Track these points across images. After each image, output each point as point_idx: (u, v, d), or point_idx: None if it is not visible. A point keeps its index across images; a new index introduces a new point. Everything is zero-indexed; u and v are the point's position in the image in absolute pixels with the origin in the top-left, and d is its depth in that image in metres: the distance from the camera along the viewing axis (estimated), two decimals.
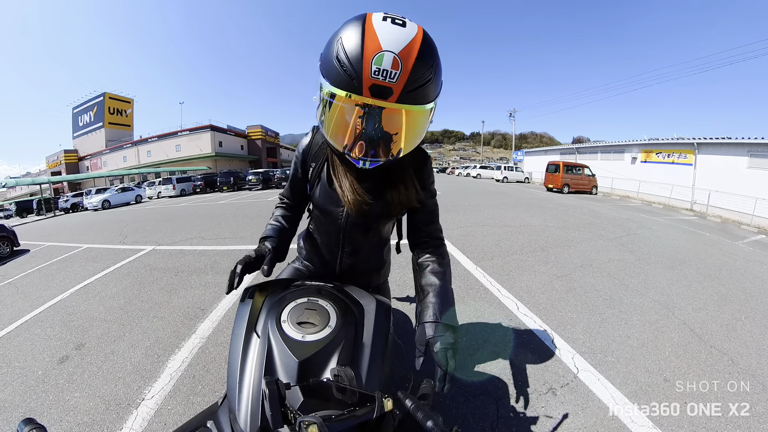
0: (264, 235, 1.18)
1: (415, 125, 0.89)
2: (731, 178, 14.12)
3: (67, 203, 21.75)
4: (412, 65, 0.79)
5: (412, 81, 0.80)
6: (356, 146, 0.89)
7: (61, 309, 3.66)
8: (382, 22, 0.81)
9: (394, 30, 0.80)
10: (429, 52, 0.83)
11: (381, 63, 0.77)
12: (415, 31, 0.82)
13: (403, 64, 0.79)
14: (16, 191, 42.45)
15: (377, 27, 0.80)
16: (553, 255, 4.97)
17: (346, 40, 0.81)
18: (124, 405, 2.05)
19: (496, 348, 2.52)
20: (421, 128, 0.93)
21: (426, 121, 0.92)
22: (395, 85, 0.79)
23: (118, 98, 44.91)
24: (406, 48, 0.79)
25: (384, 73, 0.78)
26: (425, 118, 0.90)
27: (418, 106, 0.85)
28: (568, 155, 25.71)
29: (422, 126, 0.93)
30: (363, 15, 0.84)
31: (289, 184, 1.29)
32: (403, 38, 0.80)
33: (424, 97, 0.85)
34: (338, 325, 0.86)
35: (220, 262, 4.92)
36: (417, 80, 0.81)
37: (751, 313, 3.28)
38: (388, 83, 0.79)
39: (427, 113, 0.89)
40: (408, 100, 0.82)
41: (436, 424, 0.60)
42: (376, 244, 1.27)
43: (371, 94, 0.80)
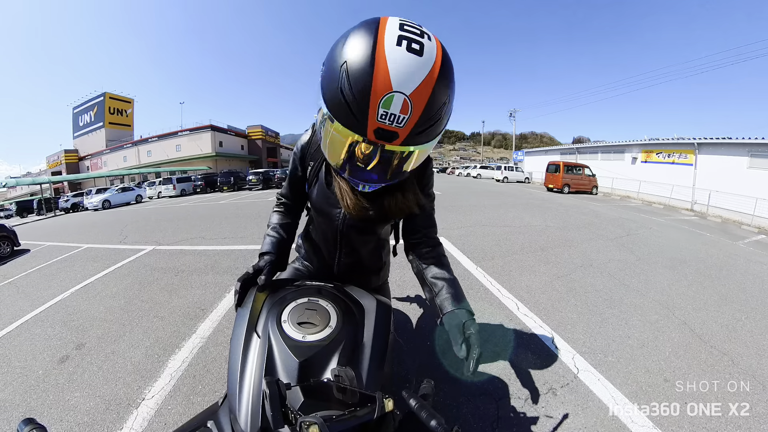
0: (262, 251, 1.15)
1: (419, 155, 0.84)
2: (732, 178, 14.12)
3: (68, 203, 21.76)
4: (424, 108, 0.72)
5: (421, 124, 0.74)
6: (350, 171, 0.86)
7: (62, 309, 3.66)
8: (396, 47, 0.70)
9: (408, 62, 0.70)
10: (444, 87, 0.74)
11: (389, 106, 0.70)
12: (432, 60, 0.72)
13: (414, 107, 0.71)
14: (17, 191, 42.48)
15: (390, 56, 0.69)
16: (553, 255, 4.97)
17: (353, 69, 0.70)
18: (125, 405, 2.05)
19: (496, 348, 2.52)
20: (424, 155, 0.87)
21: (431, 147, 0.85)
22: (402, 130, 0.73)
23: (119, 98, 44.92)
24: (419, 88, 0.70)
25: (391, 117, 0.71)
26: (430, 146, 0.84)
27: (423, 145, 0.79)
28: (568, 155, 25.70)
29: (426, 152, 0.87)
30: (375, 29, 0.72)
31: (288, 183, 1.25)
32: (418, 74, 0.70)
33: (432, 135, 0.79)
34: (339, 325, 0.86)
35: (220, 262, 4.92)
36: (427, 122, 0.75)
37: (752, 314, 3.28)
38: (394, 128, 0.72)
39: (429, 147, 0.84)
40: (414, 141, 0.77)
41: (439, 424, 0.61)
42: (374, 246, 1.26)
43: (375, 136, 0.74)
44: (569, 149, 27.35)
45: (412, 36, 0.72)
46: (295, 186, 1.24)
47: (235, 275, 4.25)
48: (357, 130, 0.74)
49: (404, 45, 0.70)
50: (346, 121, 0.74)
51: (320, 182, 1.12)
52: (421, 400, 0.67)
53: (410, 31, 0.73)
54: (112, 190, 21.98)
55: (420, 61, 0.70)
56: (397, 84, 0.69)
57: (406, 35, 0.71)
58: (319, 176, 1.12)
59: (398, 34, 0.71)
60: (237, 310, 0.95)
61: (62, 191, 33.42)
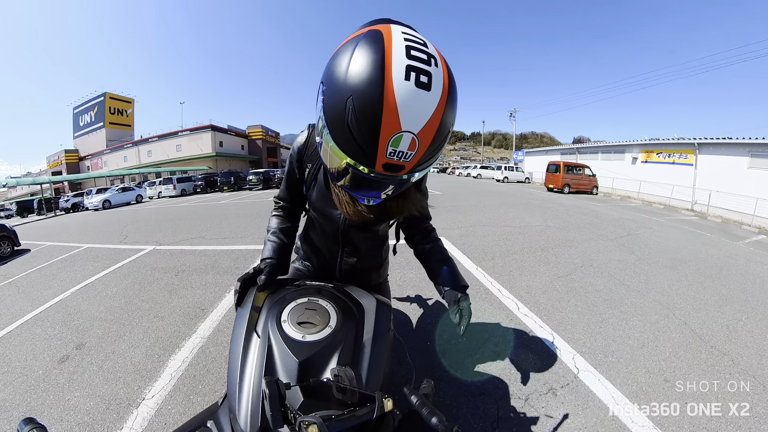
0: (264, 257, 1.15)
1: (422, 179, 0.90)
2: (732, 179, 14.11)
3: (68, 203, 21.76)
4: (431, 142, 0.73)
5: (427, 156, 0.75)
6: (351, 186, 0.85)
7: (62, 309, 3.66)
8: (404, 82, 0.67)
9: (418, 100, 0.68)
10: (449, 118, 0.75)
11: (398, 145, 0.70)
12: (439, 94, 0.70)
13: (421, 143, 0.71)
14: (17, 191, 42.50)
15: (399, 94, 0.66)
16: (553, 255, 4.97)
17: (361, 105, 0.67)
18: (125, 405, 2.05)
19: (496, 348, 2.52)
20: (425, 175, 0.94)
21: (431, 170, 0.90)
22: (408, 164, 0.74)
23: (119, 98, 44.94)
24: (427, 125, 0.70)
25: (399, 154, 0.71)
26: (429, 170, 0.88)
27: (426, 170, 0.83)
28: (568, 155, 25.70)
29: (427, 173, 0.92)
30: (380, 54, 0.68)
31: (285, 185, 1.24)
32: (426, 111, 0.69)
33: (433, 160, 0.80)
34: (338, 325, 0.86)
35: (220, 262, 4.92)
36: (433, 152, 0.76)
37: (752, 314, 3.28)
38: (401, 162, 0.73)
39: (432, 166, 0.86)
40: (420, 169, 0.79)
41: (440, 421, 0.61)
42: (374, 243, 1.28)
43: (383, 169, 0.74)
44: (569, 149, 27.35)
45: (420, 66, 0.69)
46: (292, 188, 1.23)
47: (236, 275, 4.25)
48: (364, 162, 0.73)
49: (413, 78, 0.68)
50: (353, 153, 0.73)
51: (319, 184, 1.11)
52: (422, 397, 0.68)
53: (417, 58, 0.69)
54: (112, 190, 21.99)
55: (428, 97, 0.69)
56: (406, 124, 0.68)
57: (414, 65, 0.68)
58: (317, 178, 1.12)
59: (406, 64, 0.68)
60: (237, 309, 0.95)
61: (62, 191, 33.44)
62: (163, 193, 23.56)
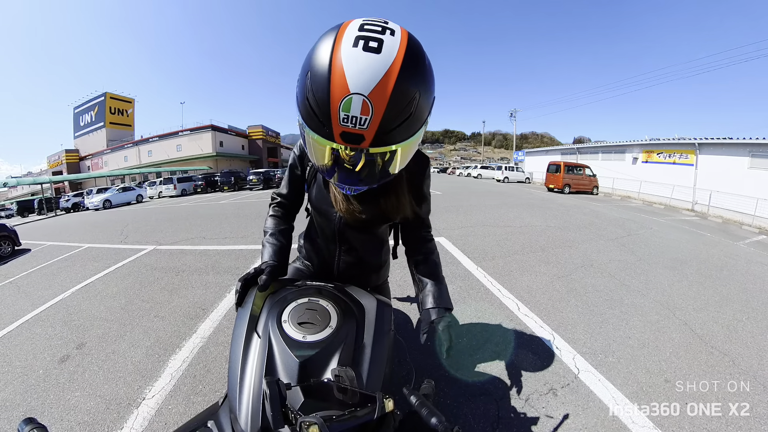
0: (264, 260, 1.14)
1: (400, 155, 0.80)
2: (732, 179, 14.10)
3: (68, 203, 21.78)
4: (386, 106, 0.69)
5: (386, 124, 0.71)
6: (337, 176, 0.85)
7: (62, 308, 3.66)
8: (352, 49, 0.69)
9: (365, 61, 0.68)
10: (409, 77, 0.71)
11: (349, 109, 0.68)
12: (392, 57, 0.69)
13: (375, 107, 0.68)
14: (18, 191, 42.52)
15: (346, 58, 0.68)
16: (553, 255, 4.96)
17: (314, 77, 0.71)
18: (125, 404, 2.05)
19: (496, 348, 2.52)
20: (408, 152, 0.83)
21: (414, 144, 0.82)
22: (366, 132, 0.71)
23: (119, 98, 44.98)
24: (377, 87, 0.68)
25: (353, 120, 0.69)
26: (412, 143, 0.80)
27: (398, 144, 0.76)
28: (569, 155, 25.68)
29: (409, 150, 0.83)
30: (334, 33, 0.73)
31: (287, 181, 1.25)
32: (376, 72, 0.68)
33: (404, 134, 0.76)
34: (339, 325, 0.86)
35: (221, 262, 4.92)
36: (393, 121, 0.72)
37: (753, 314, 3.28)
38: (358, 130, 0.70)
39: (414, 140, 0.80)
40: (383, 142, 0.73)
41: (440, 422, 0.61)
42: (372, 245, 1.27)
43: (343, 140, 0.72)
44: (570, 149, 27.32)
45: (370, 35, 0.71)
46: (294, 184, 1.24)
47: (236, 275, 4.26)
48: (325, 136, 0.74)
49: (360, 45, 0.69)
50: (315, 127, 0.74)
51: (318, 182, 1.13)
52: (422, 398, 0.68)
53: (370, 30, 0.71)
54: (112, 190, 22.00)
55: (377, 59, 0.68)
56: (354, 85, 0.67)
57: (364, 34, 0.70)
58: (317, 177, 1.14)
59: (356, 35, 0.70)
60: (237, 310, 0.95)
61: (63, 191, 33.45)
62: (164, 193, 23.58)
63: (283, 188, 1.27)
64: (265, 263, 1.09)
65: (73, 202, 21.81)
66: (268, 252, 1.15)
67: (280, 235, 1.21)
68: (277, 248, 1.16)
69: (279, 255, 1.15)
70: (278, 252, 1.16)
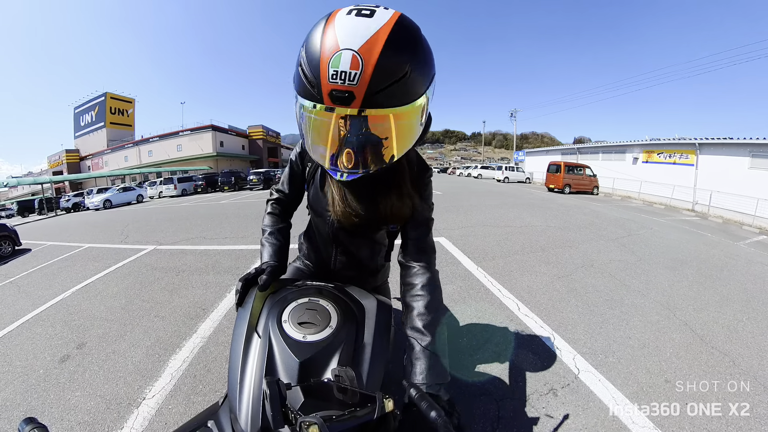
0: (263, 260, 1.11)
1: (397, 129, 0.75)
2: (733, 179, 14.09)
3: (69, 203, 21.80)
4: (376, 61, 0.67)
5: (377, 80, 0.67)
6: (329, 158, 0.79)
7: (63, 308, 3.67)
8: (346, 16, 0.71)
9: (357, 23, 0.69)
10: (402, 40, 0.70)
11: (338, 64, 0.67)
12: (384, 19, 0.70)
13: (364, 61, 0.66)
14: (18, 191, 42.56)
15: (339, 23, 0.70)
16: (554, 255, 4.96)
17: (307, 44, 0.72)
18: (125, 404, 2.05)
19: (496, 348, 2.52)
20: (406, 131, 0.78)
21: (413, 121, 0.77)
22: (356, 88, 0.68)
23: (120, 98, 45.00)
24: (368, 41, 0.67)
25: (342, 75, 0.67)
26: (410, 119, 0.76)
27: (393, 108, 0.71)
28: (569, 155, 25.68)
29: (408, 129, 0.78)
30: (330, 12, 0.75)
31: (287, 178, 1.23)
32: (367, 30, 0.68)
33: (399, 97, 0.72)
34: (339, 325, 0.86)
35: (221, 262, 4.92)
36: (385, 78, 0.68)
37: (753, 314, 3.28)
38: (347, 86, 0.67)
39: (411, 113, 0.75)
40: (375, 103, 0.69)
41: (439, 415, 0.61)
42: (368, 248, 1.23)
43: (332, 101, 0.69)
44: (570, 149, 27.32)
45: (364, 6, 0.73)
46: (294, 180, 1.23)
47: (236, 275, 4.26)
48: (314, 99, 0.72)
49: (354, 13, 0.71)
50: (306, 93, 0.73)
51: (316, 183, 1.12)
52: (422, 391, 0.68)
53: (364, 6, 0.73)
54: (113, 190, 22.01)
55: (369, 21, 0.69)
56: (344, 41, 0.67)
57: (359, 7, 0.73)
58: (315, 177, 1.13)
59: (350, 8, 0.73)
60: (237, 309, 0.95)
61: (63, 191, 33.47)
62: (164, 192, 23.59)
63: (282, 185, 1.25)
64: (266, 263, 1.07)
65: (74, 202, 21.82)
66: (267, 252, 1.13)
67: (279, 234, 1.19)
68: (276, 248, 1.15)
69: (279, 255, 1.13)
70: (278, 252, 1.14)
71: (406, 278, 1.00)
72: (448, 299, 3.32)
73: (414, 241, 1.02)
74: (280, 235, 1.19)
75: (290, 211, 1.30)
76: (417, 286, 0.95)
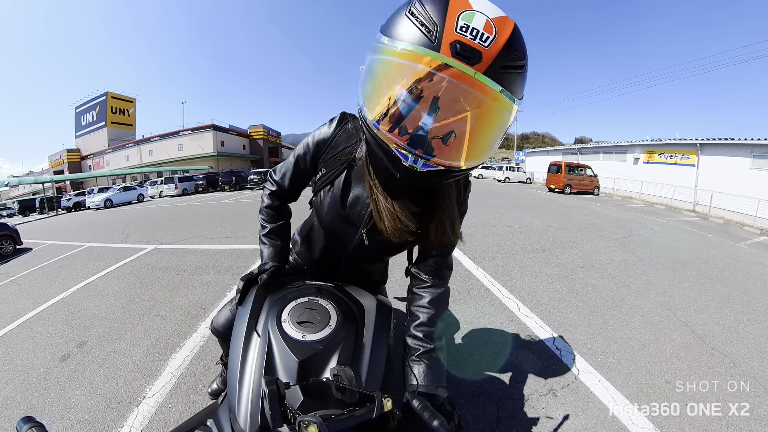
0: (263, 260, 1.07)
1: (498, 123, 0.67)
2: (734, 179, 14.07)
3: (70, 202, 21.82)
4: (509, 37, 0.61)
5: (506, 55, 0.60)
6: (405, 129, 0.64)
7: (63, 307, 3.67)
8: None
9: (487, 2, 0.63)
10: (522, 40, 0.65)
11: (471, 20, 0.59)
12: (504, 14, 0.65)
13: (498, 30, 0.60)
14: (19, 190, 42.61)
15: None
16: (554, 256, 4.96)
17: None
18: (125, 403, 2.05)
19: (496, 348, 2.52)
20: (501, 131, 0.69)
21: (507, 124, 0.69)
22: (487, 51, 0.58)
23: (121, 98, 45.04)
24: (500, 18, 0.61)
25: (474, 32, 0.58)
26: (508, 119, 0.67)
27: (508, 95, 0.62)
28: (570, 156, 25.65)
29: (503, 129, 0.69)
30: None
31: (289, 172, 1.05)
32: (497, 10, 0.63)
33: (515, 87, 0.64)
34: (338, 324, 0.86)
35: (221, 261, 4.93)
36: (513, 58, 0.61)
37: (754, 316, 3.27)
38: (477, 44, 0.58)
39: (511, 113, 0.66)
40: (499, 78, 0.60)
41: (441, 424, 0.61)
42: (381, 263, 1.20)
43: (452, 53, 0.58)
44: (571, 149, 27.30)
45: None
46: (297, 179, 1.07)
47: (237, 274, 4.26)
48: (427, 45, 0.59)
49: None
50: (413, 37, 0.60)
51: (334, 196, 0.94)
52: (424, 401, 0.68)
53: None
54: (113, 190, 22.04)
55: (496, 8, 0.64)
56: (478, 5, 0.61)
57: None
58: (334, 186, 0.94)
59: None
60: (238, 309, 0.95)
61: (64, 190, 33.53)
62: (165, 192, 23.64)
63: (283, 179, 1.08)
64: (267, 263, 1.04)
65: (75, 201, 21.85)
66: (268, 251, 1.08)
67: (279, 230, 1.12)
68: (278, 248, 1.10)
69: (280, 255, 1.09)
70: (279, 252, 1.10)
71: (415, 288, 0.95)
72: None
73: (435, 259, 0.95)
74: (281, 231, 1.13)
75: (289, 202, 1.19)
76: (425, 299, 0.91)
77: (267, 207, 1.14)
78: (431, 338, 0.86)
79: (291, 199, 1.18)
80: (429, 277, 0.94)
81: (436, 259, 0.95)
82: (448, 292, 0.96)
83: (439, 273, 0.95)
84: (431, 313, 0.89)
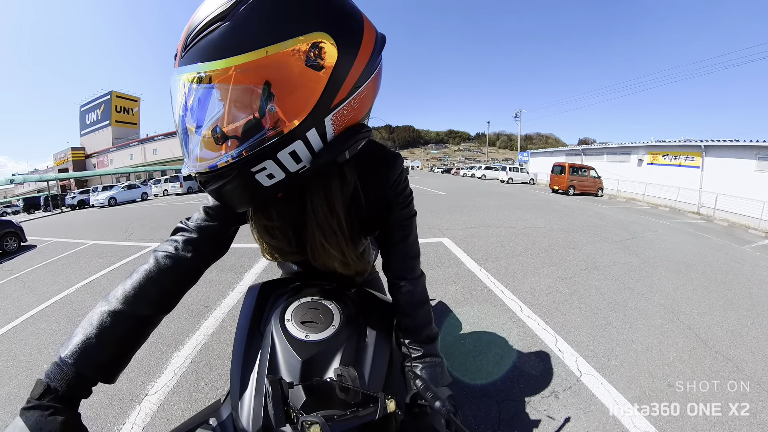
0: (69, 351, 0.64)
1: (221, 91, 0.51)
2: (739, 182, 13.96)
3: (74, 200, 22.01)
4: (198, 11, 0.51)
5: (197, 23, 0.49)
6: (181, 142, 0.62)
7: (67, 304, 3.70)
8: None
9: None
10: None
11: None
12: None
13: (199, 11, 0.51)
14: (24, 188, 42.93)
15: None
16: (557, 257, 4.94)
17: None
18: (128, 400, 2.06)
19: (499, 350, 2.52)
20: (230, 89, 0.49)
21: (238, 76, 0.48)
22: (183, 41, 0.52)
23: (125, 96, 45.32)
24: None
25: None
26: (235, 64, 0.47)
27: (211, 62, 0.47)
28: (573, 157, 25.54)
29: (232, 88, 0.49)
30: None
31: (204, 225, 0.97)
32: None
33: (221, 48, 0.47)
34: (342, 324, 0.86)
35: (224, 259, 4.87)
36: (206, 19, 0.48)
37: (758, 319, 3.25)
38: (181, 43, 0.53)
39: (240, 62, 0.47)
40: (193, 57, 0.50)
41: (443, 405, 0.61)
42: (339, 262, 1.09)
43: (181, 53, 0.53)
44: (575, 150, 27.18)
45: None
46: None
47: (239, 273, 4.28)
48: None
49: None
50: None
51: None
52: (426, 381, 0.68)
53: None
54: (118, 188, 22.16)
55: None
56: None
57: None
58: None
59: None
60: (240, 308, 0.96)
61: (69, 188, 33.76)
62: (170, 190, 23.74)
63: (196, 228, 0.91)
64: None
65: (79, 199, 22.01)
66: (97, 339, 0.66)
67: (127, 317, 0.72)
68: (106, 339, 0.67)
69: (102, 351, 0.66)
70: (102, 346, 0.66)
71: (390, 290, 0.90)
72: (450, 300, 3.32)
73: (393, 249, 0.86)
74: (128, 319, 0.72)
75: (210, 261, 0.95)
76: (401, 303, 0.87)
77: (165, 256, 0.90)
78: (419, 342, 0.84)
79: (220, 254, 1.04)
80: (396, 278, 0.87)
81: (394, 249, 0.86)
82: (423, 281, 0.89)
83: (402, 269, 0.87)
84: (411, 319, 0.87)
